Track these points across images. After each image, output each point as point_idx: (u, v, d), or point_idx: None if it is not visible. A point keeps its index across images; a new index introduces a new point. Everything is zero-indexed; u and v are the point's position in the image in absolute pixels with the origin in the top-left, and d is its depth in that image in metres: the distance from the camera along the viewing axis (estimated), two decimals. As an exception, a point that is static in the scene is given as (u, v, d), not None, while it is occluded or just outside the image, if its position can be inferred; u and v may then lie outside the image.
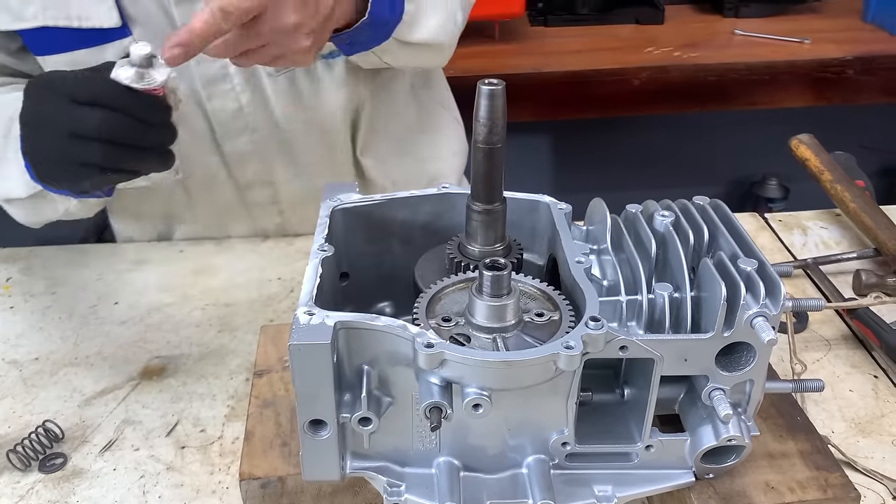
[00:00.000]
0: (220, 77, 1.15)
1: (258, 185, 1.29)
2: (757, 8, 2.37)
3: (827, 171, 1.33)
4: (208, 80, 1.15)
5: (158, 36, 1.03)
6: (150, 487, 0.88)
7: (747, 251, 0.74)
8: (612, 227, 0.80)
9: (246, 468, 0.81)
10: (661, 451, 0.75)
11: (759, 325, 0.68)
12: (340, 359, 0.68)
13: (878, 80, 2.13)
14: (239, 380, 1.03)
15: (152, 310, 1.17)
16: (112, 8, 1.05)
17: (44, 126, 0.81)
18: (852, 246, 1.30)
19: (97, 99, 0.78)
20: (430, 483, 0.73)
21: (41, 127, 0.82)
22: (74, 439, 0.94)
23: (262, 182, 1.29)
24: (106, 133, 0.78)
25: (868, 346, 1.07)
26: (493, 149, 0.74)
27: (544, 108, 2.13)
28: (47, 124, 0.81)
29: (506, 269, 0.68)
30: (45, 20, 1.04)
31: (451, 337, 0.69)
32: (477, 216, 0.78)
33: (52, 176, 0.86)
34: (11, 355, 1.08)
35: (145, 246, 1.33)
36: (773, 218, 1.39)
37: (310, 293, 0.70)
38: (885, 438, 0.93)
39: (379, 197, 0.85)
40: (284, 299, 1.18)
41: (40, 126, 0.82)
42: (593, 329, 0.65)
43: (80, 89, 0.79)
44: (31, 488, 0.88)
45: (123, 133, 0.79)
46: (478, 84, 0.72)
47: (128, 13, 1.06)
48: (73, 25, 1.05)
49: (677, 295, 0.72)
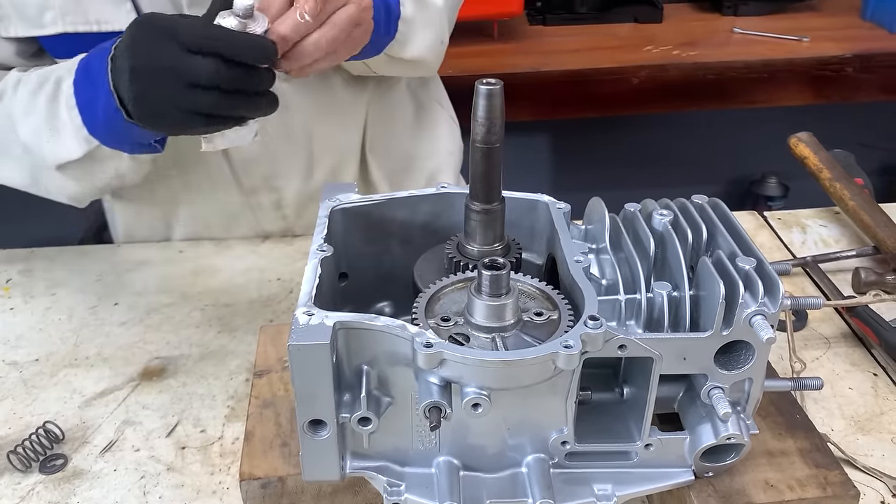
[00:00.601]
0: None
1: (263, 190, 1.29)
2: (756, 6, 2.37)
3: (826, 170, 1.33)
4: None
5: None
6: (151, 488, 0.88)
7: (746, 250, 0.74)
8: (611, 227, 0.80)
9: (246, 468, 0.81)
10: (660, 450, 0.75)
11: (758, 324, 0.68)
12: (340, 359, 0.68)
13: (877, 78, 2.13)
14: (239, 380, 1.03)
15: (152, 310, 1.17)
16: (130, 11, 1.04)
17: (156, 73, 0.82)
18: (851, 244, 1.30)
19: (211, 48, 0.79)
20: (430, 482, 0.73)
21: (154, 74, 0.82)
22: (75, 440, 0.94)
23: (267, 186, 1.29)
24: (220, 81, 0.80)
25: (867, 344, 1.07)
26: (492, 148, 0.75)
27: (543, 107, 2.13)
28: (160, 72, 0.81)
29: (504, 269, 0.68)
30: (65, 26, 1.04)
31: (451, 336, 0.69)
32: (476, 216, 0.78)
33: (161, 121, 0.87)
34: (11, 356, 1.08)
35: (145, 247, 1.33)
36: (773, 216, 1.40)
37: (309, 293, 0.70)
38: (884, 436, 0.93)
39: (378, 197, 0.85)
40: (284, 300, 1.18)
41: (153, 73, 0.82)
42: (592, 328, 0.66)
43: (193, 39, 0.80)
44: (32, 489, 0.88)
45: (236, 80, 0.81)
46: (476, 83, 0.72)
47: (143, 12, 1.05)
48: (92, 30, 1.05)
49: (676, 294, 0.72)
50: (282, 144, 1.25)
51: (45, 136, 1.01)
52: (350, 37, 0.89)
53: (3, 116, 1.07)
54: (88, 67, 0.95)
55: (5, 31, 1.05)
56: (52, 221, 1.56)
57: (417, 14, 1.11)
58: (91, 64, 0.95)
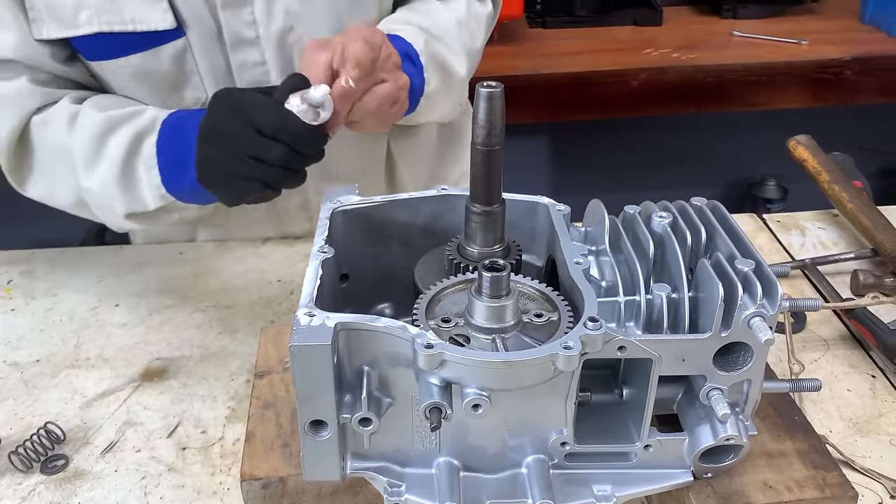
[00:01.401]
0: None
1: (290, 193, 1.30)
2: (755, 9, 2.38)
3: (825, 172, 1.33)
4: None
5: (207, 38, 1.08)
6: (152, 489, 0.88)
7: (745, 252, 0.74)
8: (611, 229, 0.80)
9: (247, 469, 0.81)
10: (659, 451, 0.75)
11: (757, 326, 0.68)
12: (341, 360, 0.68)
13: (876, 81, 2.13)
14: (240, 381, 1.03)
15: (153, 312, 1.17)
16: (167, 10, 1.05)
17: (228, 146, 0.90)
18: (850, 246, 1.30)
19: (280, 134, 0.87)
20: (430, 483, 0.73)
21: (226, 146, 0.90)
22: (76, 441, 0.94)
23: (294, 190, 1.30)
24: (282, 163, 0.88)
25: (866, 346, 1.07)
26: (492, 150, 0.75)
27: (543, 109, 2.13)
28: (232, 145, 0.89)
29: (505, 271, 0.69)
30: (101, 26, 1.04)
31: (451, 338, 0.69)
32: (476, 217, 0.79)
33: (220, 185, 0.95)
34: (13, 357, 1.09)
35: (146, 248, 1.33)
36: (772, 218, 1.40)
37: (310, 294, 0.70)
38: (882, 438, 0.93)
39: (378, 199, 0.86)
40: (284, 301, 1.19)
41: (226, 145, 0.90)
42: (592, 329, 0.66)
43: (266, 122, 0.87)
44: (33, 490, 0.88)
45: (295, 163, 0.90)
46: (476, 86, 0.73)
47: (181, 16, 1.06)
48: (127, 30, 1.05)
49: (675, 295, 0.72)
50: None
51: (113, 188, 1.04)
52: (386, 112, 0.95)
53: (57, 149, 1.07)
54: (178, 129, 1.00)
55: (38, 33, 1.05)
56: (54, 223, 1.57)
57: (441, 87, 1.13)
58: (182, 126, 1.00)
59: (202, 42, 1.08)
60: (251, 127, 0.87)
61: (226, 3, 1.06)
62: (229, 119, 0.90)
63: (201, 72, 1.11)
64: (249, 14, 1.08)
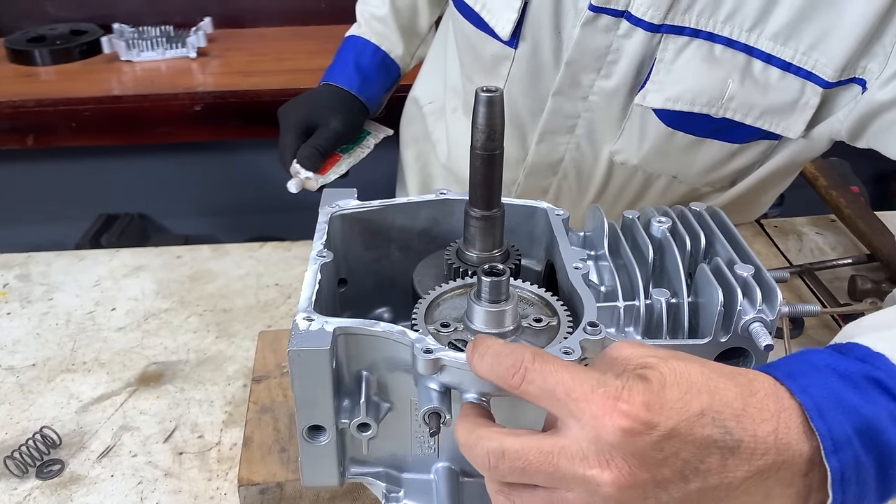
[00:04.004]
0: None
1: None
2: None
3: (822, 177, 1.33)
4: None
5: (533, 65, 1.09)
6: (148, 494, 0.88)
7: (744, 257, 0.74)
8: (610, 234, 0.80)
9: (244, 474, 0.81)
10: (658, 457, 0.75)
11: (756, 331, 0.68)
12: (339, 365, 0.68)
13: (872, 87, 2.13)
14: (237, 385, 1.03)
15: (149, 316, 1.17)
16: (510, 22, 1.05)
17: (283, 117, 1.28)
18: (847, 252, 1.30)
19: (280, 160, 1.26)
20: (429, 489, 0.73)
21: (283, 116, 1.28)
22: (72, 445, 0.94)
23: None
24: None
25: (863, 352, 1.07)
26: (492, 155, 0.75)
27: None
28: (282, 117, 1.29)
29: (504, 275, 0.69)
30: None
31: (450, 342, 0.69)
32: (475, 222, 0.78)
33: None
34: (8, 361, 1.08)
35: (142, 252, 1.33)
36: (769, 224, 1.40)
37: (309, 299, 0.70)
38: (880, 443, 0.93)
39: (377, 203, 0.85)
40: (282, 305, 1.18)
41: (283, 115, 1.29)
42: (591, 334, 0.66)
43: (280, 148, 1.25)
44: (29, 494, 0.88)
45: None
46: (476, 91, 0.72)
47: (521, 32, 1.07)
48: (475, 8, 1.08)
49: (674, 300, 0.72)
50: None
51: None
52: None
53: None
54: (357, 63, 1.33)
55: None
56: (50, 226, 1.56)
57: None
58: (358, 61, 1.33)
59: (525, 63, 1.09)
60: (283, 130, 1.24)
61: (558, 90, 1.07)
62: (286, 114, 1.25)
63: (510, 78, 1.12)
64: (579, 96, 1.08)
